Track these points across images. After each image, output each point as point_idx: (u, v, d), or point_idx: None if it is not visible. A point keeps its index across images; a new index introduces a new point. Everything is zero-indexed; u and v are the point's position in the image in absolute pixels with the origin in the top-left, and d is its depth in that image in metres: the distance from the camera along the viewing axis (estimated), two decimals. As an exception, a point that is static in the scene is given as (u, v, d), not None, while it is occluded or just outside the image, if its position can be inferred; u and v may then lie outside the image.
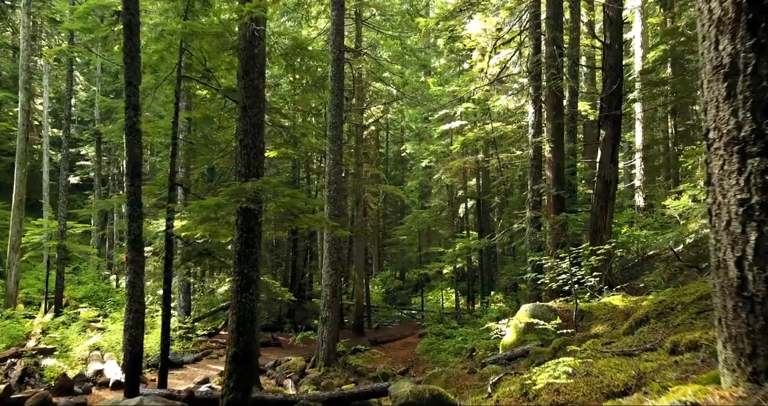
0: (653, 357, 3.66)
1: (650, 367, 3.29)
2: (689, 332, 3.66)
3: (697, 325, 4.65)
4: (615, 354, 4.14)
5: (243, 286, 6.93)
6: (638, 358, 3.82)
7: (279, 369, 13.98)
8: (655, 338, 4.66)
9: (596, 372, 3.55)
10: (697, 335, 3.49)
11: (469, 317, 20.25)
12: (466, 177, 27.38)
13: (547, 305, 8.71)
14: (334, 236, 14.58)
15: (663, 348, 3.86)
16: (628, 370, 3.36)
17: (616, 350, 4.44)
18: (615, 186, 12.64)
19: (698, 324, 4.66)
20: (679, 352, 3.45)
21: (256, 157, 7.06)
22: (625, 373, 3.33)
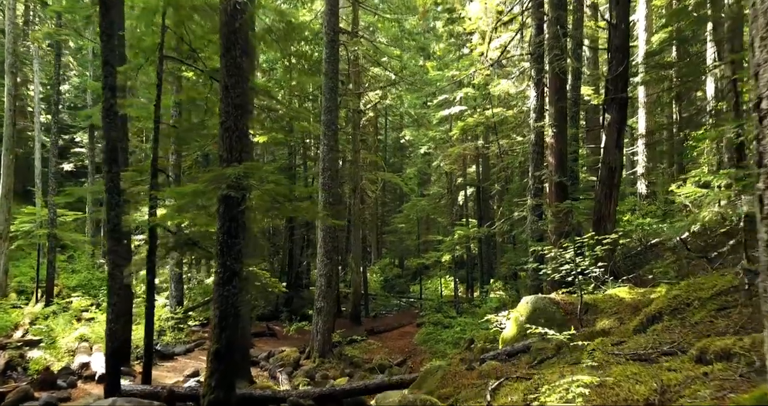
0: (676, 365, 3.22)
1: (675, 379, 2.85)
2: (719, 338, 3.22)
3: (718, 324, 4.21)
4: (629, 358, 3.69)
5: (225, 278, 6.48)
6: (658, 365, 3.38)
7: (272, 361, 13.61)
8: (671, 339, 4.21)
9: (611, 382, 3.11)
10: (729, 342, 3.05)
11: (467, 307, 19.89)
12: (465, 164, 26.87)
13: (550, 298, 8.28)
14: (329, 225, 14.13)
15: (686, 354, 3.41)
16: (648, 381, 2.93)
17: (629, 352, 4.00)
18: (620, 172, 12.16)
19: (720, 324, 4.22)
20: (708, 361, 3.01)
21: (239, 141, 6.58)
22: (645, 385, 2.89)
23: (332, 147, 14.12)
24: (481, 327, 16.04)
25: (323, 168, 14.15)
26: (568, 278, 8.58)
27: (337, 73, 14.45)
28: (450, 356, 14.82)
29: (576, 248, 8.25)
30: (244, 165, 6.12)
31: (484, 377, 6.66)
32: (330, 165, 14.11)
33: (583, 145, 18.07)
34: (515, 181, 23.13)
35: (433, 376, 7.22)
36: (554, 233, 12.08)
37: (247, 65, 10.71)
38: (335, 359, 14.19)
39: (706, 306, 4.82)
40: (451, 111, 22.40)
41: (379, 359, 14.83)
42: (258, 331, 18.26)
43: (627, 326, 6.27)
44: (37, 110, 26.60)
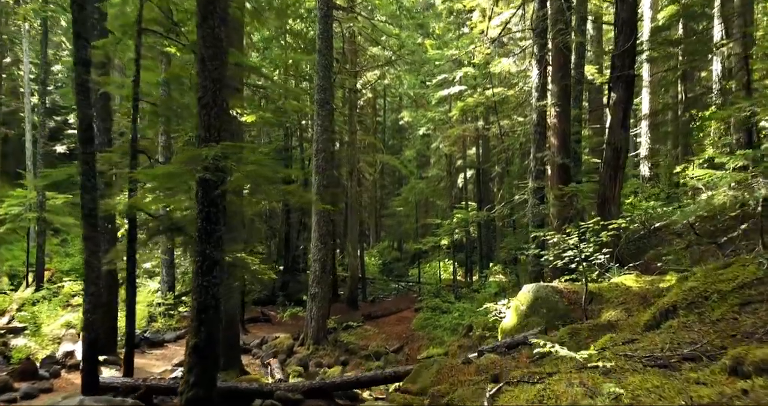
0: (705, 376, 2.76)
1: (707, 396, 2.39)
2: (759, 346, 2.76)
3: (744, 323, 3.75)
4: (646, 364, 3.24)
5: (205, 268, 6.02)
6: (682, 374, 2.92)
7: (265, 348, 13.24)
8: (691, 339, 3.76)
9: (628, 396, 2.66)
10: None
11: (466, 291, 19.52)
12: (465, 145, 26.30)
13: (552, 286, 7.84)
14: (323, 209, 13.66)
15: (716, 362, 2.96)
16: (674, 398, 2.48)
17: (645, 354, 3.54)
18: (626, 154, 11.65)
19: (746, 322, 3.76)
20: (745, 373, 2.56)
21: (217, 118, 6.06)
22: (670, 402, 2.44)
23: (326, 127, 13.58)
24: (480, 313, 15.69)
25: (317, 149, 13.62)
26: (571, 265, 8.12)
27: (331, 50, 13.85)
28: (448, 344, 14.49)
29: (580, 233, 7.78)
30: (221, 145, 5.61)
31: (481, 372, 6.24)
32: (324, 146, 13.59)
33: (585, 125, 17.50)
34: (515, 164, 22.61)
35: (427, 370, 6.81)
36: (556, 217, 11.62)
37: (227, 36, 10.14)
38: (330, 346, 13.84)
39: (727, 300, 4.36)
40: (451, 91, 21.77)
41: (375, 346, 14.49)
42: (252, 316, 17.92)
43: (636, 318, 5.82)
44: (28, 90, 25.93)
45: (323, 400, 7.57)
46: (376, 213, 36.84)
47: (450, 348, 13.72)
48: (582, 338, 5.91)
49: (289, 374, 11.72)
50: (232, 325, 10.65)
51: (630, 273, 8.34)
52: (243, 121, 13.28)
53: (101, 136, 11.43)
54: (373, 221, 37.71)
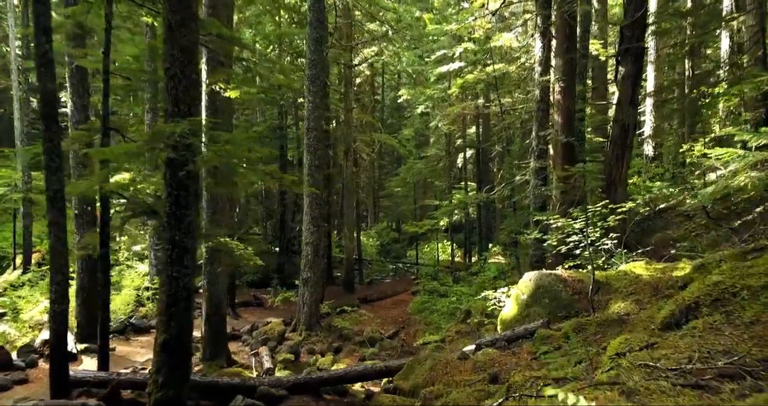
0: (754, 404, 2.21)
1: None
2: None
3: (787, 328, 3.18)
4: (675, 383, 2.69)
5: (174, 257, 5.46)
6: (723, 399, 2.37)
7: (256, 335, 12.77)
8: (723, 346, 3.20)
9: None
10: None
11: (464, 274, 19.03)
12: (465, 124, 25.60)
13: (555, 274, 7.29)
14: (315, 191, 13.06)
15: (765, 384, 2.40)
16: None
17: (670, 367, 2.99)
18: (633, 132, 11.04)
19: (789, 327, 3.19)
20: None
21: (187, 92, 5.43)
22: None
23: (318, 105, 12.91)
24: (479, 300, 15.22)
25: (308, 128, 12.97)
26: (575, 251, 7.58)
27: (323, 23, 13.10)
28: (445, 330, 14.03)
29: (587, 217, 7.21)
30: (188, 121, 5.00)
31: (479, 370, 5.73)
32: (315, 124, 12.94)
33: (589, 102, 16.82)
34: (516, 143, 21.93)
35: (421, 366, 6.30)
36: (559, 199, 11.04)
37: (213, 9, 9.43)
38: (323, 332, 13.38)
39: (760, 298, 3.81)
40: (450, 67, 20.97)
41: (370, 332, 14.03)
42: (244, 300, 17.45)
43: (650, 312, 5.28)
44: (15, 67, 25.10)
45: (309, 395, 7.09)
46: (374, 194, 36.26)
47: (447, 334, 13.28)
48: (589, 333, 5.38)
49: (279, 362, 11.27)
50: (218, 311, 10.15)
51: (639, 259, 7.80)
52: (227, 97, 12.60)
53: (78, 113, 10.82)
54: (371, 201, 37.15)
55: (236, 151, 5.39)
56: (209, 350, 10.09)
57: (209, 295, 10.08)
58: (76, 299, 11.00)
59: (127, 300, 13.12)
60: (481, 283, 15.69)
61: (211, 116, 9.99)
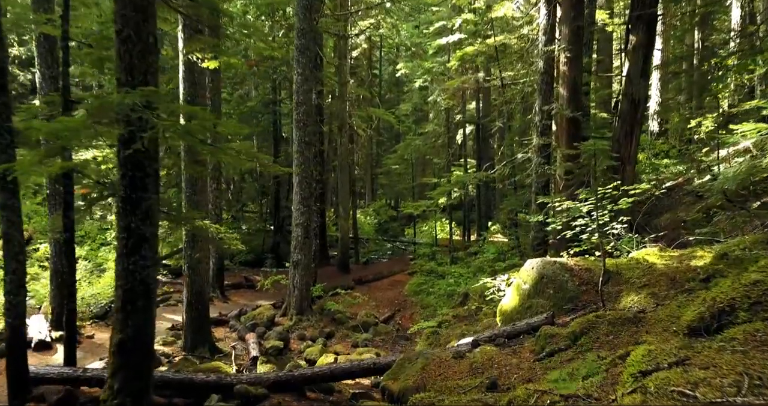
0: None
1: None
2: None
3: None
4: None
5: (131, 247, 4.82)
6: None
7: (244, 319, 12.23)
8: None
9: None
10: None
11: (463, 254, 18.45)
12: (464, 99, 24.72)
13: (560, 262, 6.66)
14: (305, 168, 12.38)
15: None
16: None
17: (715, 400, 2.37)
18: (644, 106, 10.31)
19: None
20: None
21: (142, 58, 4.71)
22: None
23: (307, 77, 12.13)
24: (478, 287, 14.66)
25: (298, 102, 12.21)
26: (582, 236, 6.94)
27: (312, -11, 12.24)
28: (442, 314, 13.50)
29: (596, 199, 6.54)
30: (140, 91, 4.29)
31: (476, 371, 5.14)
32: (305, 98, 12.17)
33: (597, 75, 16.02)
34: (517, 119, 21.13)
35: (412, 364, 5.71)
36: (564, 178, 10.36)
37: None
38: (315, 316, 12.84)
39: (813, 303, 3.17)
40: (449, 39, 20.05)
41: (364, 316, 13.50)
42: (234, 282, 16.90)
43: (669, 309, 4.66)
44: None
45: (291, 394, 6.53)
46: (371, 171, 35.53)
47: (444, 318, 12.76)
48: (600, 333, 4.76)
49: (267, 349, 10.75)
50: (200, 298, 9.57)
51: (651, 246, 7.16)
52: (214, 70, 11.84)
53: (47, 85, 10.07)
54: (369, 178, 36.43)
55: (195, 127, 4.69)
56: (191, 339, 9.54)
57: (190, 281, 9.49)
58: (51, 283, 10.42)
59: (111, 282, 12.51)
60: (480, 264, 15.11)
61: (189, 89, 9.26)
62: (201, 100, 9.36)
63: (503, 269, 14.08)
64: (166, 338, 10.04)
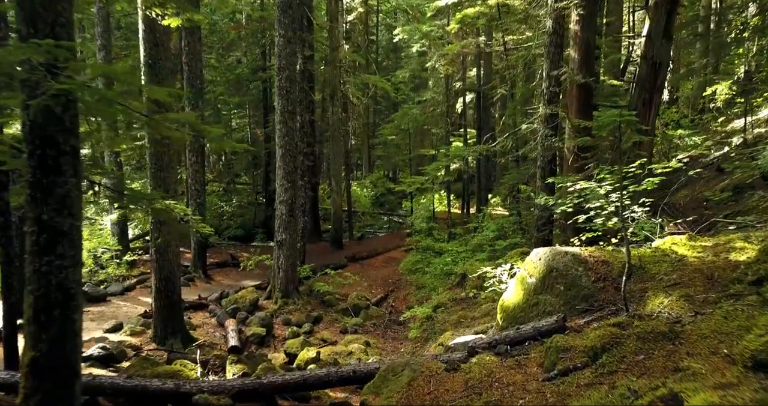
0: None
1: None
2: None
3: None
4: None
5: (44, 244, 3.86)
6: None
7: (225, 303, 11.39)
8: None
9: None
10: None
11: (461, 231, 17.54)
12: (465, 66, 23.43)
13: (573, 253, 5.71)
14: (288, 140, 11.34)
15: None
16: None
17: None
18: (665, 70, 9.21)
19: None
20: None
21: (50, 6, 3.66)
22: None
23: (290, 39, 10.97)
24: (476, 258, 13.80)
25: (279, 67, 11.10)
26: (597, 220, 5.97)
27: (295, -61, 10.97)
28: (438, 296, 12.65)
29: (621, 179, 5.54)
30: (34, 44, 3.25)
31: (472, 391, 4.25)
32: (287, 62, 11.05)
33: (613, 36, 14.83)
34: (520, 87, 19.92)
35: (397, 378, 4.82)
36: (573, 151, 9.34)
37: None
38: (302, 299, 12.01)
39: None
40: (448, 1, 18.68)
41: (355, 297, 12.68)
42: (219, 261, 16.03)
43: (713, 322, 3.73)
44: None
45: (260, 403, 5.66)
46: (368, 141, 34.35)
47: (440, 301, 11.91)
48: (627, 352, 3.84)
49: (248, 337, 9.93)
50: (169, 285, 8.67)
51: (677, 232, 6.20)
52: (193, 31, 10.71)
53: None
54: (366, 149, 35.28)
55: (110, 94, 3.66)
56: (161, 329, 8.69)
57: (158, 265, 8.58)
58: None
59: (83, 264, 11.66)
60: (479, 242, 14.21)
61: (150, 52, 8.18)
62: (165, 65, 8.27)
63: (504, 249, 13.20)
64: (134, 326, 9.18)
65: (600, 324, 4.69)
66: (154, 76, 8.18)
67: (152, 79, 8.19)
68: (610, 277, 5.43)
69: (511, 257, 11.04)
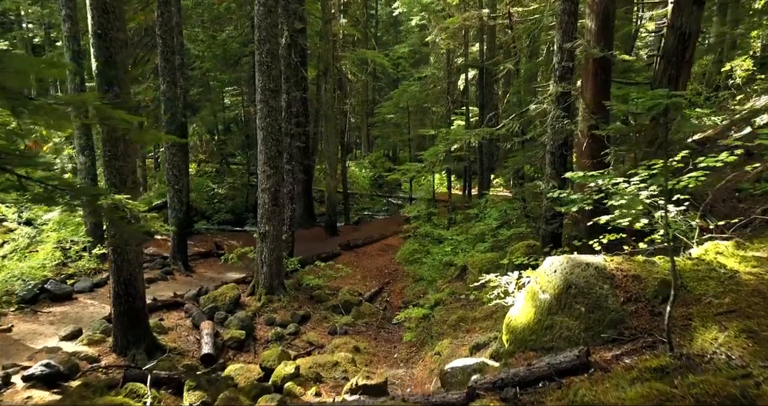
0: None
1: None
2: None
3: None
4: None
5: None
6: None
7: (203, 301, 10.41)
8: None
9: None
10: None
11: (462, 216, 16.51)
12: (467, 40, 22.08)
13: (596, 265, 4.66)
14: (270, 121, 10.23)
15: None
16: None
17: None
18: (695, 41, 8.05)
19: None
20: None
21: None
22: None
23: (270, 8, 9.79)
24: (477, 249, 12.79)
25: (259, 39, 9.93)
26: (622, 222, 4.92)
27: None
28: (435, 291, 11.68)
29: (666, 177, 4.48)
30: None
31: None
32: (268, 34, 9.88)
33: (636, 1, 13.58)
34: (523, 62, 18.68)
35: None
36: (587, 135, 8.23)
37: None
38: (288, 295, 11.04)
39: None
40: (450, -32, 17.35)
41: (347, 292, 11.73)
42: (203, 251, 15.03)
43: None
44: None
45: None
46: (367, 119, 33.12)
47: (438, 297, 10.92)
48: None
49: (225, 342, 8.99)
50: (130, 290, 7.67)
51: (722, 237, 5.14)
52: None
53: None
54: (365, 128, 34.06)
55: None
56: (120, 338, 7.72)
57: (116, 267, 7.57)
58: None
59: (44, 258, 10.65)
60: (481, 232, 13.18)
61: (100, 20, 7.04)
62: (117, 36, 7.13)
63: (507, 239, 12.17)
64: (95, 333, 8.21)
65: (634, 362, 3.70)
66: (104, 49, 7.06)
67: (101, 52, 7.07)
68: (643, 297, 4.40)
69: (516, 251, 10.04)
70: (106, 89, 7.20)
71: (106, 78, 7.19)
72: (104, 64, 7.15)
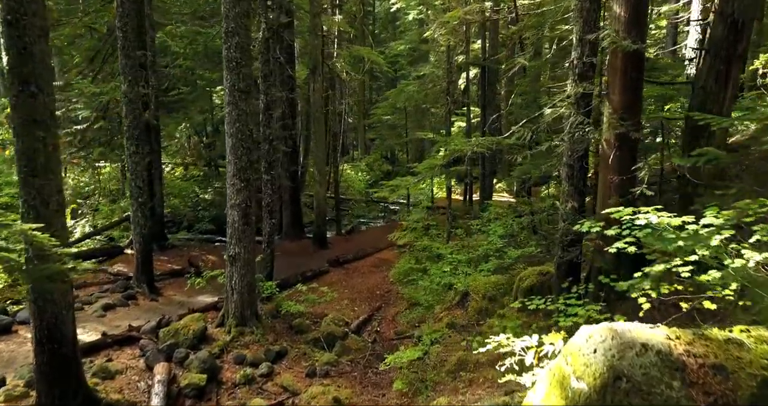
0: None
1: None
2: None
3: None
4: None
5: None
6: None
7: (163, 335, 8.98)
8: None
9: None
10: None
11: (462, 230, 15.06)
12: (468, 36, 20.63)
13: (657, 349, 3.21)
14: (240, 126, 8.81)
15: None
16: None
17: None
18: (749, 32, 6.62)
19: None
20: None
21: None
22: None
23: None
24: (479, 270, 11.36)
25: (227, 31, 8.53)
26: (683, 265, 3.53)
27: None
28: (433, 319, 10.27)
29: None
30: None
31: None
32: (237, 26, 8.47)
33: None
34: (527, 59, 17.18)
35: None
36: (614, 145, 6.79)
37: None
38: (264, 325, 9.63)
39: None
40: (450, -42, 15.93)
41: (331, 320, 10.34)
42: (175, 269, 13.59)
43: None
44: None
45: None
46: (363, 120, 31.71)
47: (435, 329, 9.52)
48: None
49: (182, 389, 7.58)
50: (56, 333, 6.26)
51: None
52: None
53: None
54: (362, 129, 32.66)
55: None
56: (44, 395, 6.30)
57: (37, 309, 6.16)
58: None
59: None
60: (485, 251, 11.73)
61: (11, 3, 5.64)
62: (34, 22, 5.72)
63: (514, 260, 10.75)
64: (14, 389, 6.78)
65: None
66: (16, 38, 5.65)
67: (13, 42, 5.66)
68: (726, 397, 2.97)
69: (526, 279, 8.64)
70: (21, 89, 5.79)
71: (20, 75, 5.78)
72: (17, 58, 5.75)
